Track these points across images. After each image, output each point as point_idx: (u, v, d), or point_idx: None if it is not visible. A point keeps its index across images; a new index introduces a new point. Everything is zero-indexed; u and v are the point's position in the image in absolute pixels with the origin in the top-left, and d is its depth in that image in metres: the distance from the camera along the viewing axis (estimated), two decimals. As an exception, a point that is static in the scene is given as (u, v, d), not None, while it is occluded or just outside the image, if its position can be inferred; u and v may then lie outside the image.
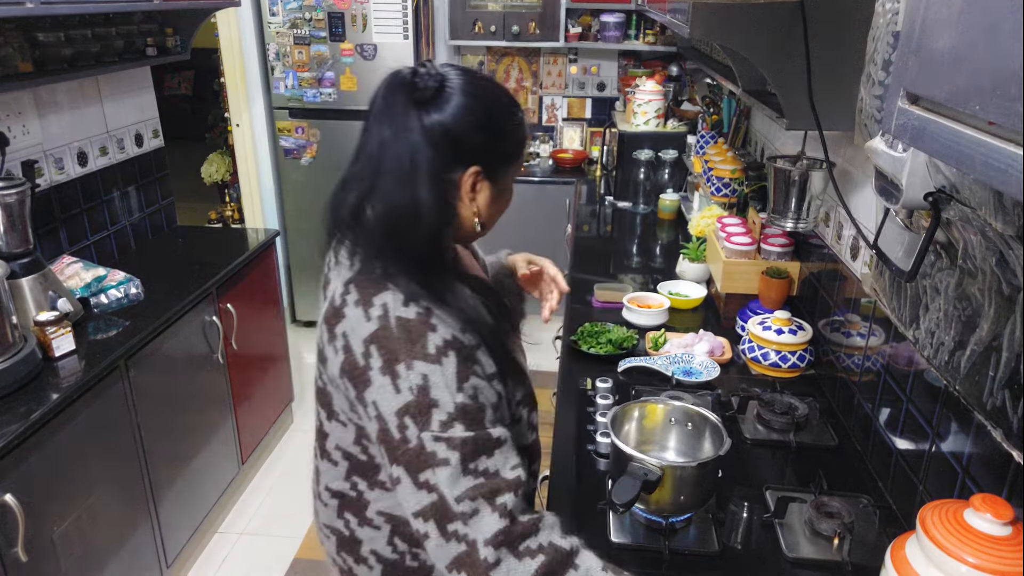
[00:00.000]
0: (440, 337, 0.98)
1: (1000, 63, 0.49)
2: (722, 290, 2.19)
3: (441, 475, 0.95)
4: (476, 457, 0.96)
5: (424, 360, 0.96)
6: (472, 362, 1.00)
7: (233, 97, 3.96)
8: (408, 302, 1.00)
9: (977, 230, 1.05)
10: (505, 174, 1.09)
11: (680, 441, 1.46)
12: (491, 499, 0.95)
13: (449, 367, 0.97)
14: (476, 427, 0.97)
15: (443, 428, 0.95)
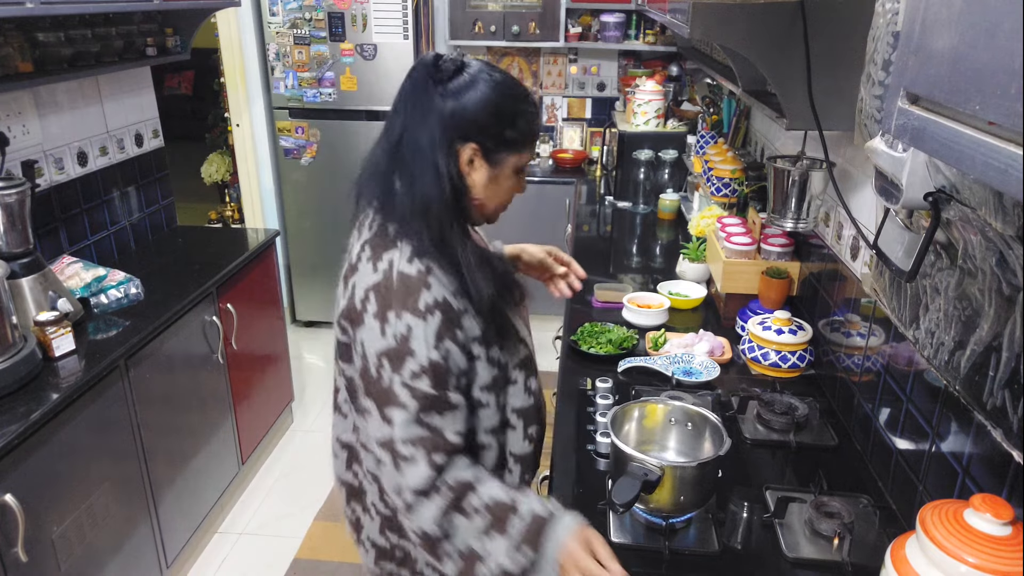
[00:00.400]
0: (432, 296, 1.09)
1: (1000, 63, 0.49)
2: (722, 290, 2.19)
3: (398, 416, 1.09)
4: (429, 412, 1.10)
5: (412, 313, 1.08)
6: (454, 326, 1.11)
7: (233, 97, 3.96)
8: (412, 258, 1.11)
9: (977, 230, 1.05)
10: (503, 160, 1.16)
11: (680, 441, 1.46)
12: (429, 453, 1.09)
13: (432, 325, 1.09)
14: (439, 387, 1.10)
15: (412, 378, 1.08)
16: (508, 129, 1.14)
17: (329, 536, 2.71)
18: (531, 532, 1.10)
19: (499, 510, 1.11)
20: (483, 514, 1.10)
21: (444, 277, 1.11)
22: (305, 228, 4.14)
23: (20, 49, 2.16)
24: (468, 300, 1.13)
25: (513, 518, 1.10)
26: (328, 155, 3.99)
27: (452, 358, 1.12)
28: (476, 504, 1.11)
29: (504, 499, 1.12)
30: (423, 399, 1.09)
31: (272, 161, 4.10)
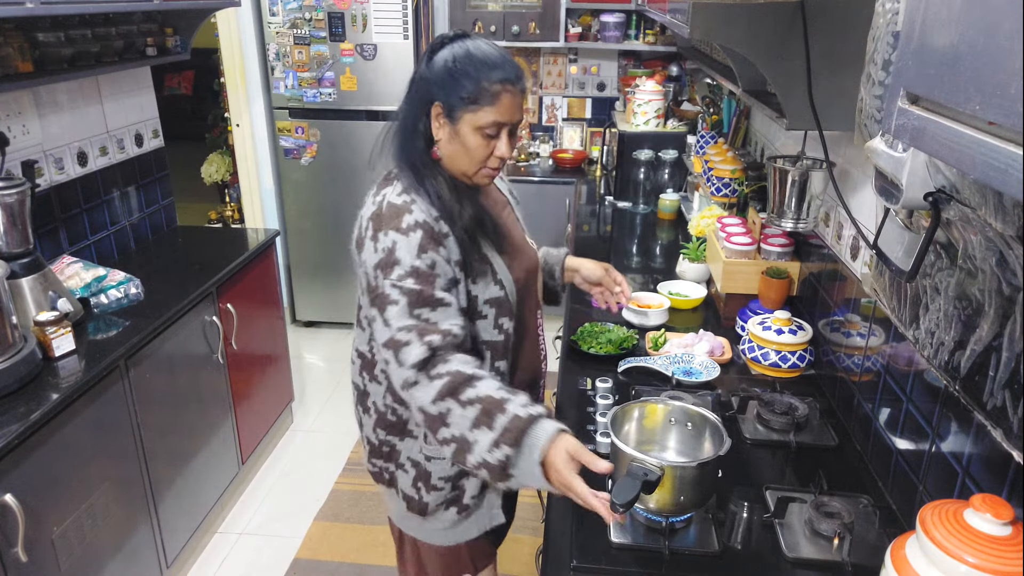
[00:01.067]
0: (413, 219, 1.29)
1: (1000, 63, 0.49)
2: (722, 290, 2.19)
3: (392, 311, 1.27)
4: (420, 306, 1.27)
5: (396, 231, 1.28)
6: (437, 243, 1.29)
7: (233, 97, 3.96)
8: (402, 193, 1.32)
9: (977, 230, 1.05)
10: (460, 117, 1.30)
11: (680, 441, 1.47)
12: (421, 336, 1.25)
13: (414, 240, 1.27)
14: (424, 284, 1.27)
15: (399, 279, 1.27)
16: (459, 88, 1.28)
17: (329, 536, 2.71)
18: (512, 430, 1.20)
19: (490, 404, 1.22)
20: (475, 405, 1.22)
21: (426, 207, 1.30)
22: (305, 228, 4.14)
23: (20, 49, 2.16)
24: (450, 225, 1.31)
25: (499, 415, 1.21)
26: (328, 155, 3.99)
27: (439, 266, 1.29)
28: (471, 395, 1.23)
29: (495, 396, 1.23)
30: (410, 294, 1.26)
31: (272, 161, 4.10)
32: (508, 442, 1.19)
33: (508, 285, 1.41)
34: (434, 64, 1.30)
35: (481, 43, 1.32)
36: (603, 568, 1.27)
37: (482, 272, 1.37)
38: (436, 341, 1.25)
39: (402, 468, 1.48)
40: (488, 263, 1.38)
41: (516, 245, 1.48)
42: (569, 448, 1.18)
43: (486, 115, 1.29)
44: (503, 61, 1.30)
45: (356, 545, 2.65)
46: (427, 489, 1.46)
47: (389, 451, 1.50)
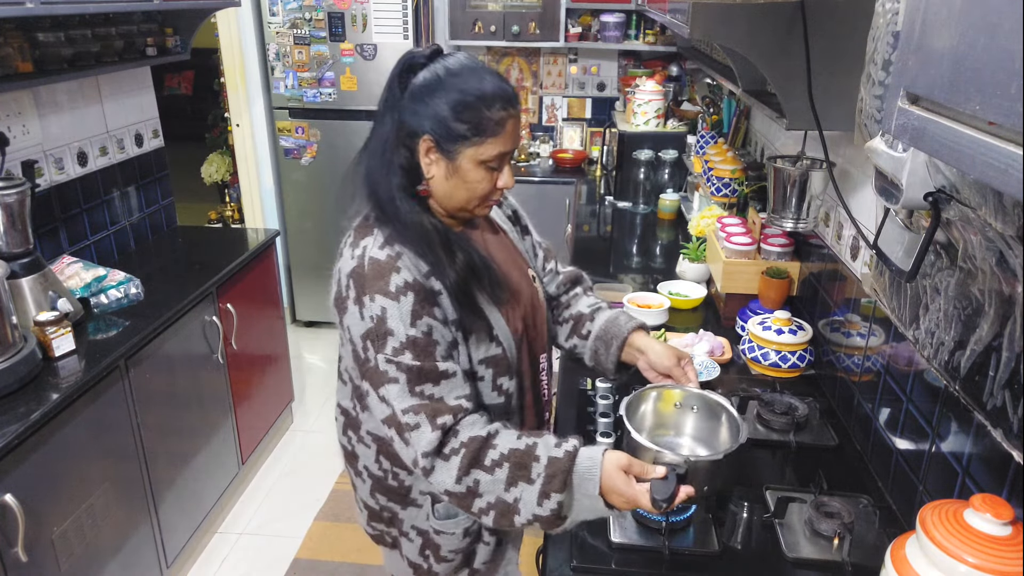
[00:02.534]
0: (402, 278, 1.14)
1: (1000, 63, 0.49)
2: (722, 290, 2.19)
3: (392, 391, 1.14)
4: (422, 382, 1.13)
5: (384, 295, 1.13)
6: (431, 304, 1.15)
7: (233, 97, 3.96)
8: (384, 245, 1.17)
9: (977, 230, 1.05)
10: (458, 152, 1.16)
11: (696, 428, 1.41)
12: (432, 418, 1.13)
13: (405, 304, 1.13)
14: (424, 358, 1.13)
15: (395, 354, 1.13)
16: (455, 122, 1.14)
17: (329, 536, 2.71)
18: (556, 476, 1.10)
19: (519, 457, 1.12)
20: (503, 466, 1.12)
21: (415, 261, 1.16)
22: (305, 228, 4.14)
23: (20, 49, 2.16)
24: (441, 279, 1.17)
25: (534, 464, 1.11)
26: (328, 155, 3.99)
27: (436, 331, 1.15)
28: (495, 457, 1.12)
29: (520, 447, 1.13)
30: (409, 371, 1.13)
31: (272, 161, 4.10)
32: (556, 489, 1.10)
33: (507, 341, 1.26)
34: (415, 92, 1.14)
35: (464, 61, 1.16)
36: (603, 568, 1.27)
37: (477, 329, 1.22)
38: (448, 422, 1.13)
39: (406, 536, 1.37)
40: (483, 319, 1.23)
41: (513, 290, 1.31)
42: (621, 465, 1.11)
43: (491, 148, 1.15)
44: (498, 83, 1.16)
45: (356, 545, 2.65)
46: (436, 560, 1.36)
47: (391, 517, 1.38)
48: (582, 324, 1.51)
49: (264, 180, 4.15)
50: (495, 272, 1.25)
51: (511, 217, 1.46)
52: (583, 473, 1.11)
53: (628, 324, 1.46)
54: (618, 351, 1.45)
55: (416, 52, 1.17)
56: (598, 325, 1.48)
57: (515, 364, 1.29)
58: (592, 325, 1.49)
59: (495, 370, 1.26)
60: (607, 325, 1.47)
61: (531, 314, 1.35)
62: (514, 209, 1.48)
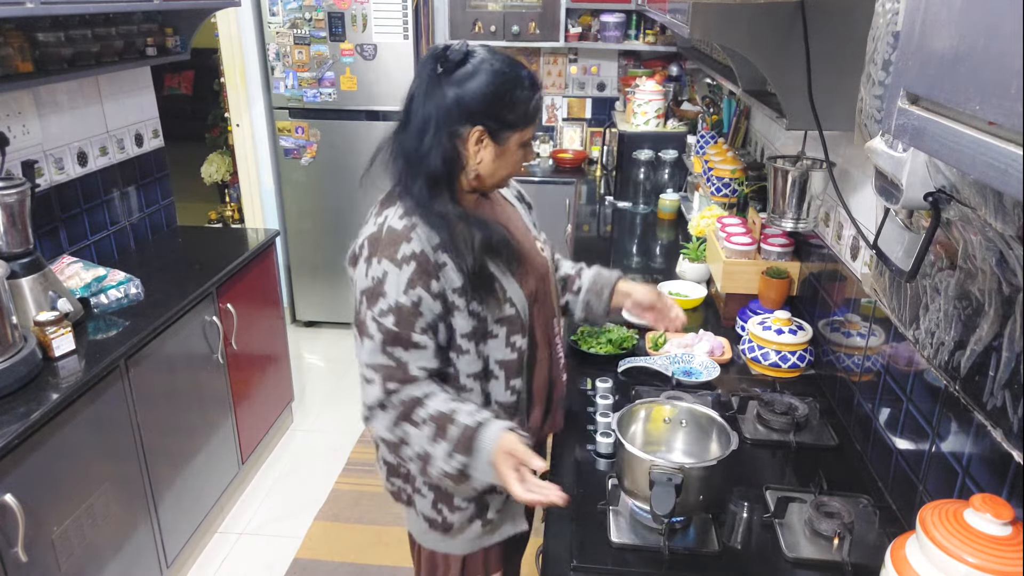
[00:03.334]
0: (411, 248, 1.27)
1: (1000, 63, 0.49)
2: (722, 290, 2.19)
3: (367, 344, 1.30)
4: (394, 346, 1.29)
5: (390, 260, 1.27)
6: (430, 277, 1.27)
7: (233, 97, 3.96)
8: (404, 216, 1.30)
9: (977, 230, 1.05)
10: (507, 138, 1.32)
11: (687, 443, 1.46)
12: (386, 380, 1.29)
13: (405, 273, 1.26)
14: (402, 326, 1.28)
15: (381, 315, 1.28)
16: (507, 112, 1.29)
17: (329, 536, 2.71)
18: (463, 440, 1.28)
19: (441, 420, 1.29)
20: (429, 424, 1.29)
21: (428, 233, 1.28)
22: (305, 228, 4.14)
23: (20, 49, 2.16)
24: (452, 255, 1.29)
25: (451, 427, 1.28)
26: (328, 155, 3.99)
27: (424, 304, 1.28)
28: (423, 415, 1.30)
29: (445, 410, 1.29)
30: (387, 334, 1.28)
31: (272, 161, 4.10)
32: (461, 452, 1.28)
33: (519, 303, 1.39)
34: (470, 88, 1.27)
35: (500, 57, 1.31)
36: (603, 568, 1.27)
37: (490, 292, 1.35)
38: (393, 387, 1.30)
39: (419, 492, 1.47)
40: (497, 282, 1.36)
41: (526, 257, 1.45)
42: (505, 447, 1.26)
43: (531, 131, 1.36)
44: (532, 77, 1.33)
45: (356, 545, 2.65)
46: (450, 509, 1.45)
47: (407, 472, 1.48)
48: (572, 282, 1.73)
49: (264, 180, 4.15)
50: (512, 245, 1.39)
51: (518, 196, 1.62)
52: (483, 446, 1.27)
53: (612, 274, 1.74)
54: (609, 297, 1.70)
55: (452, 48, 1.29)
56: (586, 281, 1.72)
57: (527, 324, 1.42)
58: (580, 281, 1.72)
59: (509, 328, 1.38)
60: (595, 278, 1.72)
61: (542, 279, 1.50)
62: (519, 190, 1.64)
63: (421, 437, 1.30)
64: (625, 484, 1.34)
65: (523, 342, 1.41)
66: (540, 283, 1.48)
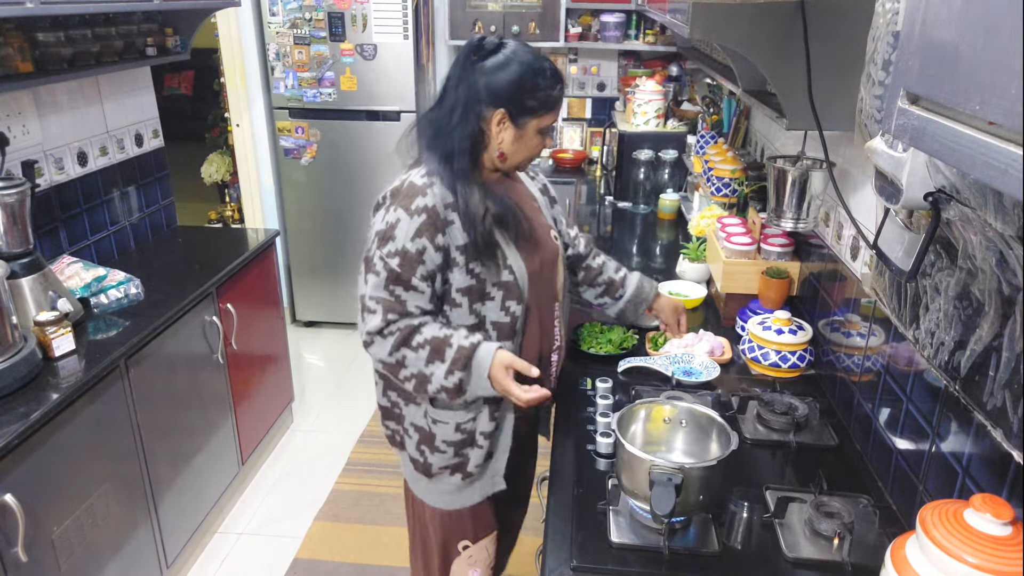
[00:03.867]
0: (424, 202, 1.43)
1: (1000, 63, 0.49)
2: (722, 290, 2.19)
3: (372, 279, 1.46)
4: (396, 284, 1.44)
5: (404, 210, 1.43)
6: (436, 230, 1.43)
7: (233, 97, 3.96)
8: (424, 176, 1.46)
9: (977, 230, 1.05)
10: (526, 123, 1.47)
11: (687, 443, 1.46)
12: (386, 311, 1.45)
13: (416, 222, 1.42)
14: (405, 269, 1.43)
15: (388, 256, 1.43)
16: (529, 100, 1.45)
17: (329, 536, 2.71)
18: (460, 359, 1.44)
19: (437, 343, 1.45)
20: (425, 348, 1.45)
21: (442, 192, 1.44)
22: (305, 228, 4.14)
23: (20, 49, 2.16)
24: (460, 215, 1.44)
25: (447, 349, 1.45)
26: (328, 155, 3.99)
27: (427, 253, 1.43)
28: (420, 340, 1.45)
29: (439, 335, 1.45)
30: (391, 272, 1.43)
31: (272, 161, 4.10)
32: (459, 368, 1.44)
33: (519, 272, 1.52)
34: (491, 73, 1.43)
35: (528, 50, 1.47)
36: (603, 568, 1.27)
37: (491, 256, 1.48)
38: (393, 318, 1.45)
39: (407, 433, 1.62)
40: (499, 248, 1.50)
41: (536, 237, 1.59)
42: (503, 360, 1.45)
43: (549, 118, 1.50)
44: (553, 67, 1.48)
45: (356, 545, 2.65)
46: (431, 451, 1.59)
47: (399, 414, 1.63)
48: (615, 288, 1.92)
49: (264, 180, 4.15)
50: (520, 220, 1.53)
51: (542, 189, 1.76)
52: (479, 361, 1.45)
53: (652, 291, 1.94)
54: (644, 311, 1.95)
55: (488, 40, 1.46)
56: (629, 290, 1.91)
57: (524, 294, 1.54)
58: (624, 290, 1.92)
59: (506, 293, 1.51)
60: (636, 291, 1.91)
61: (550, 264, 1.62)
62: (544, 184, 1.78)
63: (418, 360, 1.45)
64: (625, 484, 1.34)
65: (518, 308, 1.54)
66: (545, 265, 1.60)
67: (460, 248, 1.45)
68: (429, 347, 1.45)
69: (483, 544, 1.70)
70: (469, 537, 1.68)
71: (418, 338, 1.45)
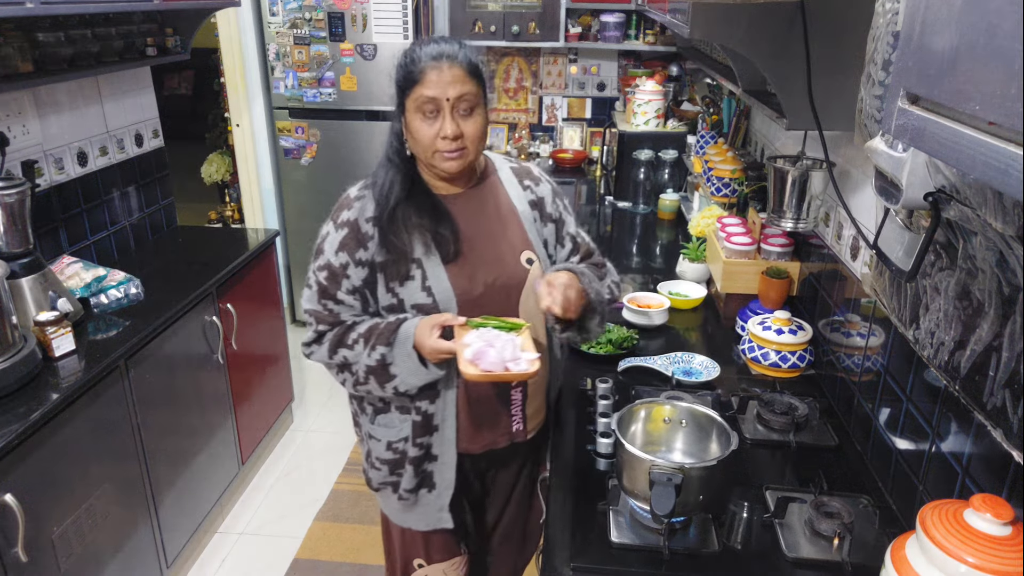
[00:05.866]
0: (348, 216, 1.41)
1: (1000, 63, 0.49)
2: (722, 290, 2.19)
3: (306, 292, 1.47)
4: (325, 298, 1.43)
5: (333, 223, 1.43)
6: (358, 245, 1.39)
7: (233, 97, 3.96)
8: (360, 187, 1.46)
9: (977, 230, 1.05)
10: (405, 108, 1.36)
11: (687, 443, 1.46)
12: (318, 323, 1.45)
13: (340, 235, 1.40)
14: (331, 283, 1.42)
15: (318, 269, 1.43)
16: (399, 75, 1.36)
17: (329, 536, 2.71)
18: (383, 333, 1.39)
19: (367, 332, 1.41)
20: (360, 342, 1.41)
21: (370, 206, 1.40)
22: (305, 228, 4.14)
23: (20, 49, 2.16)
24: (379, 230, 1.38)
25: (374, 333, 1.40)
26: (328, 155, 3.99)
27: (350, 268, 1.40)
28: (354, 336, 1.42)
29: (371, 324, 1.42)
30: (319, 286, 1.43)
31: (272, 161, 4.10)
32: (381, 343, 1.38)
33: (440, 294, 1.39)
34: None
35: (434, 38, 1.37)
36: (603, 568, 1.27)
37: (409, 277, 1.40)
38: (324, 328, 1.45)
39: (361, 440, 1.62)
40: (420, 269, 1.39)
41: (485, 258, 1.43)
42: (429, 321, 1.35)
43: (417, 92, 1.33)
44: (435, 42, 1.34)
45: (356, 545, 2.65)
46: (370, 466, 1.58)
47: (357, 421, 1.62)
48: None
49: (264, 180, 4.15)
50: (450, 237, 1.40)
51: (534, 203, 1.54)
52: (403, 334, 1.37)
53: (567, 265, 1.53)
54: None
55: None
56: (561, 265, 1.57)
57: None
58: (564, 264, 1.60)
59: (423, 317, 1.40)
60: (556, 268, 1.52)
61: (500, 287, 1.44)
62: (540, 197, 1.55)
63: (359, 355, 1.41)
64: (625, 484, 1.34)
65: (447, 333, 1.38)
66: (495, 290, 1.43)
67: (379, 265, 1.40)
68: (362, 339, 1.41)
69: (441, 567, 1.63)
70: (424, 557, 1.63)
71: (352, 335, 1.42)
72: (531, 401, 1.56)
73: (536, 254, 1.49)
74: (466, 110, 1.34)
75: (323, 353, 1.45)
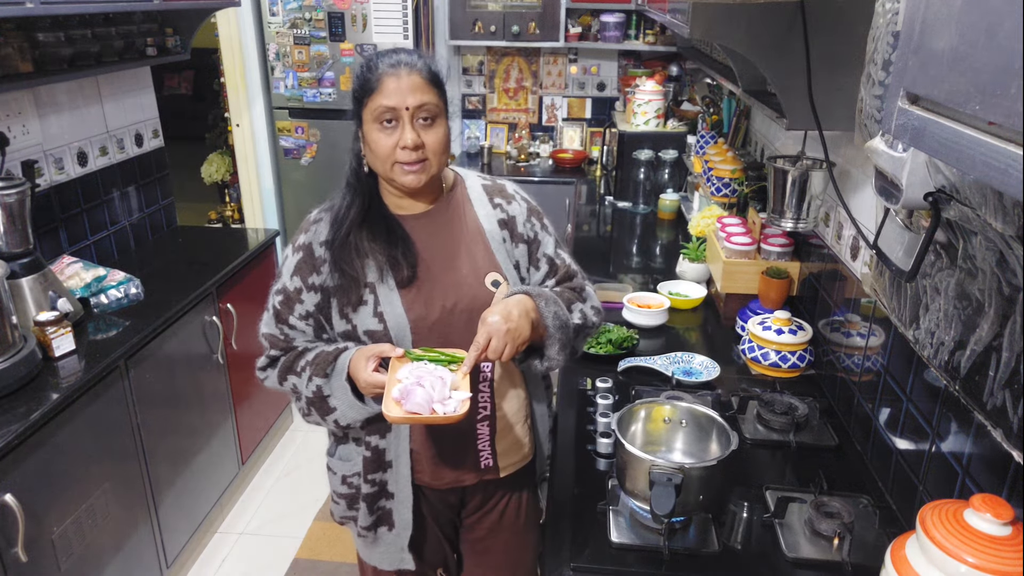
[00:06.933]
0: (305, 239, 1.38)
1: (1000, 63, 0.49)
2: (722, 290, 2.19)
3: (264, 315, 1.43)
4: (280, 323, 1.40)
5: (292, 246, 1.40)
6: (312, 269, 1.35)
7: (233, 97, 3.96)
8: (321, 211, 1.41)
9: (977, 230, 1.05)
10: (363, 120, 1.31)
11: (687, 443, 1.46)
12: (272, 346, 1.41)
13: (295, 259, 1.37)
14: (285, 307, 1.38)
15: (275, 292, 1.40)
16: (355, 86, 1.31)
17: (329, 536, 2.70)
18: (320, 364, 1.34)
19: (312, 361, 1.36)
20: (307, 370, 1.36)
21: (324, 229, 1.36)
22: (305, 228, 4.14)
23: (20, 49, 2.16)
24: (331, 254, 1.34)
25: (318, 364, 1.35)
26: (328, 155, 3.99)
27: (304, 293, 1.36)
28: (302, 364, 1.37)
29: (320, 351, 1.36)
30: (274, 310, 1.40)
31: (272, 161, 4.10)
32: (319, 374, 1.33)
33: (392, 321, 1.32)
34: None
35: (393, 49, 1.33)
36: (603, 568, 1.27)
37: (362, 303, 1.33)
38: (276, 353, 1.42)
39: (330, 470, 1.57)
40: (373, 294, 1.33)
41: (435, 280, 1.35)
42: (365, 352, 1.28)
43: (374, 102, 1.26)
44: (394, 52, 1.30)
45: (356, 545, 2.65)
46: (331, 498, 1.57)
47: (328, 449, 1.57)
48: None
49: (264, 180, 4.15)
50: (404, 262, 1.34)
51: (503, 222, 1.42)
52: (340, 364, 1.32)
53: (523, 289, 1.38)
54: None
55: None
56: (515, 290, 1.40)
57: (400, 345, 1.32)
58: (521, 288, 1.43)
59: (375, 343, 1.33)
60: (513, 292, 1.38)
61: (461, 311, 1.35)
62: (511, 216, 1.43)
63: (301, 382, 1.37)
64: (625, 484, 1.34)
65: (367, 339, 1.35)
66: (453, 315, 1.35)
67: (333, 290, 1.34)
68: (310, 367, 1.35)
69: None
70: None
71: (300, 362, 1.37)
72: (503, 436, 1.45)
73: (504, 276, 1.39)
74: (426, 119, 1.27)
75: (274, 379, 1.42)
